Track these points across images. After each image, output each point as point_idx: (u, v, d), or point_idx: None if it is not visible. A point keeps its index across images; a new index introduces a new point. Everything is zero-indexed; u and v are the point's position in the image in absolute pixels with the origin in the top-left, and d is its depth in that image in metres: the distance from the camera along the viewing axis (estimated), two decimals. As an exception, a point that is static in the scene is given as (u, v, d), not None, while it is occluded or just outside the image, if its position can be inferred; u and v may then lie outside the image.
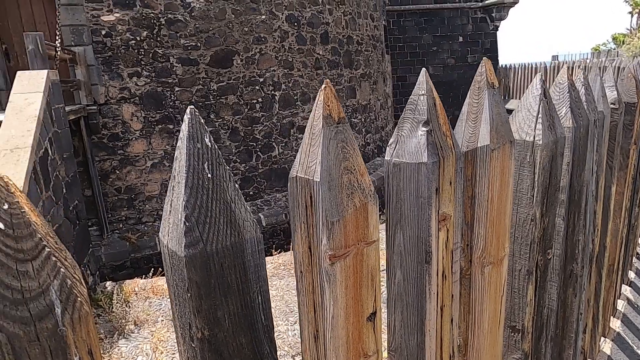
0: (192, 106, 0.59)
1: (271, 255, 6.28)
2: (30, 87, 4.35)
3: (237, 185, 0.60)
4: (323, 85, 0.70)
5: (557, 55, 24.56)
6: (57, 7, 6.97)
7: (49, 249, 0.45)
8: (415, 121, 0.84)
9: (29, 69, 5.03)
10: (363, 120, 12.22)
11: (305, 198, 0.70)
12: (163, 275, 5.85)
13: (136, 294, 5.12)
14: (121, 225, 8.10)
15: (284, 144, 9.77)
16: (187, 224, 0.52)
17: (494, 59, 18.22)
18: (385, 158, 0.90)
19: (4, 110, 4.81)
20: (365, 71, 12.26)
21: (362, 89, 12.16)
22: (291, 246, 1.13)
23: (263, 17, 9.12)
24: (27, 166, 3.61)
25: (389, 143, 0.89)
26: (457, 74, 18.09)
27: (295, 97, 9.92)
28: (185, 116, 0.57)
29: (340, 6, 11.03)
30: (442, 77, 18.06)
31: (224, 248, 0.54)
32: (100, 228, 7.84)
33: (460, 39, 17.84)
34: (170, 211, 0.57)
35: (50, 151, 4.32)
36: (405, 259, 0.88)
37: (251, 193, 9.30)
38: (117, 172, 7.96)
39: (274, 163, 9.61)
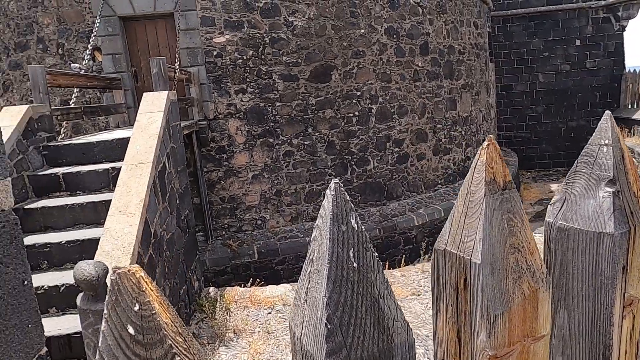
0: (337, 181, 0.50)
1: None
2: (153, 107, 4.80)
3: (385, 276, 0.49)
4: (485, 143, 0.56)
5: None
6: (177, 33, 7.70)
7: (179, 358, 0.39)
8: (595, 178, 0.66)
9: (153, 90, 5.59)
10: (463, 133, 11.57)
11: (457, 279, 0.57)
12: (260, 285, 6.03)
13: (235, 302, 5.34)
14: (224, 233, 8.61)
15: (379, 158, 9.62)
16: (328, 326, 0.43)
17: (620, 63, 16.11)
18: (547, 219, 0.73)
19: (132, 126, 5.40)
20: (466, 81, 11.62)
21: (463, 100, 11.54)
22: (432, 325, 0.91)
23: (362, 31, 9.13)
24: (148, 180, 3.96)
25: (553, 201, 0.72)
26: (573, 80, 16.33)
27: (392, 110, 9.73)
28: (328, 192, 0.48)
29: (442, 15, 10.63)
30: (554, 85, 16.45)
31: (370, 356, 0.44)
32: (205, 234, 8.41)
33: (578, 42, 16.11)
34: (305, 300, 0.48)
35: (167, 165, 4.71)
36: (572, 348, 0.70)
37: (345, 206, 9.27)
38: (222, 182, 8.50)
39: (368, 177, 9.50)
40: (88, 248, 4.01)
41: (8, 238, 1.40)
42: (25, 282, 1.51)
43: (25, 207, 4.39)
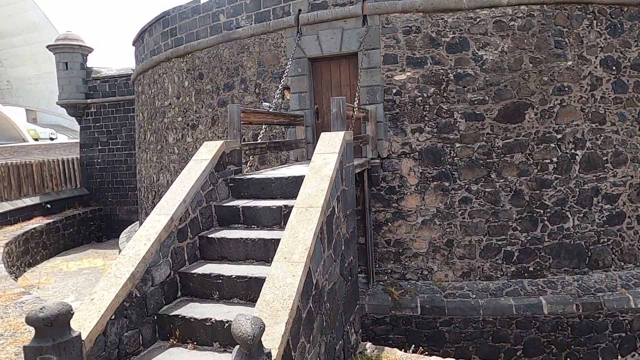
0: None
1: (561, 367, 4.78)
2: (329, 147, 4.68)
3: None
4: None
5: None
6: (359, 71, 7.72)
7: None
8: None
9: (331, 128, 5.55)
10: None
11: None
12: (424, 353, 5.26)
13: (393, 368, 4.70)
14: (386, 278, 8.09)
15: (581, 215, 7.81)
16: None
17: None
18: None
19: (309, 161, 5.41)
20: None
21: None
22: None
23: (569, 63, 7.69)
24: (315, 227, 3.74)
25: None
26: None
27: (605, 158, 7.86)
28: None
29: (686, 39, 8.27)
30: None
31: None
32: (367, 277, 8.03)
33: None
34: None
35: (336, 209, 4.48)
36: None
37: (531, 269, 7.75)
38: (390, 224, 8.05)
39: (565, 237, 7.78)
40: (253, 286, 3.98)
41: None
42: None
43: (209, 235, 4.68)
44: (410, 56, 7.84)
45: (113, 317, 3.38)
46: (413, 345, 5.38)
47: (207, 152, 5.15)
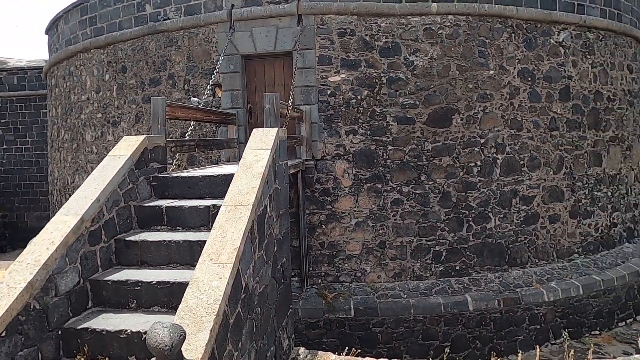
0: None
1: (483, 356, 4.93)
2: (261, 144, 4.46)
3: None
4: None
5: None
6: (294, 71, 7.59)
7: None
8: None
9: (264, 126, 5.32)
10: (609, 194, 9.63)
11: None
12: (356, 354, 5.18)
13: (327, 372, 4.56)
14: (320, 281, 7.98)
15: (502, 216, 8.29)
16: None
17: None
18: None
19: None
20: (616, 133, 9.78)
21: (611, 154, 9.68)
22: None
23: (491, 72, 8.17)
24: (245, 225, 3.50)
25: None
26: None
27: (522, 162, 8.42)
28: None
29: (588, 57, 9.18)
30: None
31: None
32: (301, 281, 7.86)
33: None
34: None
35: (268, 208, 4.27)
36: None
37: (457, 268, 8.07)
38: (324, 226, 7.96)
39: (488, 236, 8.21)
40: (177, 292, 3.63)
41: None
42: None
43: (127, 238, 4.24)
44: (345, 58, 7.86)
45: (4, 334, 2.89)
46: (346, 348, 5.28)
47: (126, 147, 4.69)
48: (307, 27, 7.79)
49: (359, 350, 6.28)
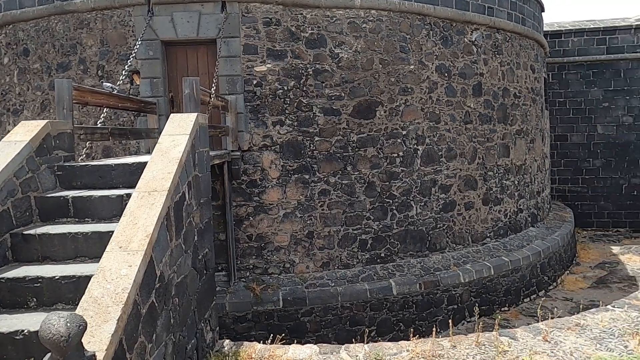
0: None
1: (407, 337, 5.16)
2: (179, 129, 4.27)
3: None
4: None
5: None
6: (218, 59, 7.37)
7: None
8: None
9: (183, 111, 5.09)
10: (516, 183, 10.55)
11: None
12: (283, 342, 5.17)
13: (252, 362, 4.49)
14: (248, 274, 7.86)
15: (423, 204, 8.74)
16: None
17: (692, 117, 14.73)
18: None
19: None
20: (521, 127, 10.73)
21: (517, 147, 10.60)
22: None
23: (412, 67, 8.55)
24: (160, 211, 3.33)
25: None
26: (636, 134, 15.04)
27: (440, 153, 8.93)
28: None
29: (497, 56, 9.95)
30: (614, 138, 15.20)
31: None
32: (228, 274, 7.69)
33: (642, 93, 14.93)
34: None
35: (187, 196, 4.09)
36: None
37: (382, 255, 8.37)
38: (251, 218, 7.84)
39: (410, 224, 8.60)
40: (84, 287, 3.33)
41: None
42: None
43: (25, 232, 3.84)
44: (271, 48, 7.78)
45: None
46: (271, 335, 5.25)
47: (24, 132, 4.25)
48: (231, 14, 7.59)
49: (287, 340, 6.29)
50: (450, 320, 7.82)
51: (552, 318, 5.33)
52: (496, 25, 9.80)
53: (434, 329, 5.95)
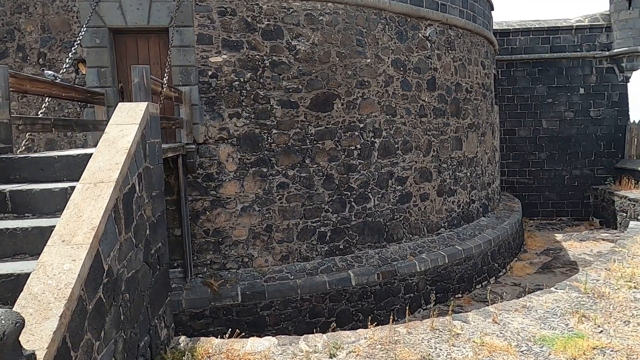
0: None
1: (366, 327, 5.24)
2: (128, 118, 4.08)
3: None
4: None
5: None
6: (170, 48, 7.12)
7: None
8: None
9: (133, 100, 4.88)
10: (469, 174, 10.95)
11: None
12: (241, 336, 5.11)
13: (209, 357, 4.41)
14: (205, 270, 7.69)
15: (380, 196, 8.89)
16: None
17: (624, 113, 15.88)
18: None
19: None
20: (473, 121, 11.14)
21: (469, 140, 11.00)
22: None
23: (368, 60, 8.64)
24: (107, 203, 3.17)
25: None
26: (577, 128, 16.03)
27: (396, 146, 9.11)
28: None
29: (450, 52, 10.26)
30: (557, 132, 16.12)
31: None
32: (184, 271, 7.49)
33: (582, 90, 15.93)
34: None
35: (137, 188, 3.93)
36: None
37: (341, 247, 8.45)
38: (208, 213, 7.67)
39: (368, 215, 8.73)
40: (24, 285, 3.15)
41: None
42: None
43: (-44, 229, 3.54)
44: (226, 39, 7.61)
45: None
46: (229, 330, 5.17)
47: (-47, 121, 3.92)
48: (184, 2, 7.34)
49: (246, 334, 6.22)
50: (407, 308, 8.11)
51: (501, 301, 5.59)
52: (449, 22, 10.09)
53: (392, 317, 6.08)
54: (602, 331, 4.59)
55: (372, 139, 8.77)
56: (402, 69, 9.18)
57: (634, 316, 4.89)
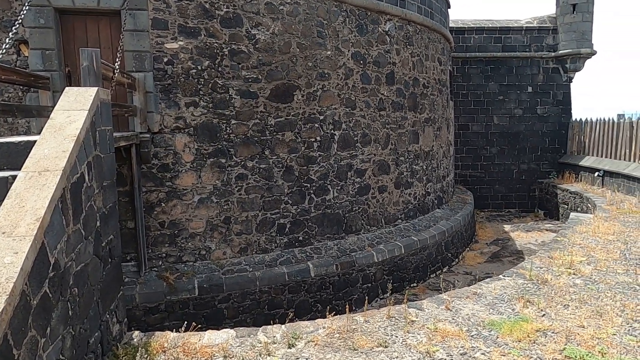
0: None
1: (324, 317, 5.29)
2: (76, 104, 3.86)
3: None
4: None
5: (624, 114, 22.60)
6: (122, 32, 6.79)
7: None
8: None
9: (81, 85, 4.62)
10: (425, 167, 11.27)
11: None
12: (198, 329, 5.02)
13: (164, 352, 4.30)
14: (160, 263, 7.47)
15: (339, 188, 8.97)
16: None
17: (567, 111, 16.87)
18: None
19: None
20: (429, 116, 11.45)
21: (426, 134, 11.31)
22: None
23: (329, 52, 8.65)
24: (53, 193, 2.99)
25: None
26: (525, 125, 16.87)
27: (356, 139, 9.21)
28: None
29: (408, 47, 10.46)
30: (507, 128, 16.90)
31: None
32: (138, 264, 7.24)
33: (530, 89, 16.76)
34: None
35: (87, 177, 3.73)
36: None
37: (301, 238, 8.47)
38: (163, 205, 7.44)
39: (327, 207, 8.80)
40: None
41: None
42: None
43: None
44: (183, 24, 7.36)
45: None
46: (185, 323, 5.06)
47: None
48: (137, -16, 7.01)
49: (203, 327, 6.11)
50: (365, 298, 8.28)
51: (453, 289, 5.83)
52: (407, 18, 10.27)
53: (350, 307, 6.18)
54: (544, 315, 4.89)
55: (332, 131, 8.81)
56: (362, 62, 9.26)
57: (573, 300, 5.25)
